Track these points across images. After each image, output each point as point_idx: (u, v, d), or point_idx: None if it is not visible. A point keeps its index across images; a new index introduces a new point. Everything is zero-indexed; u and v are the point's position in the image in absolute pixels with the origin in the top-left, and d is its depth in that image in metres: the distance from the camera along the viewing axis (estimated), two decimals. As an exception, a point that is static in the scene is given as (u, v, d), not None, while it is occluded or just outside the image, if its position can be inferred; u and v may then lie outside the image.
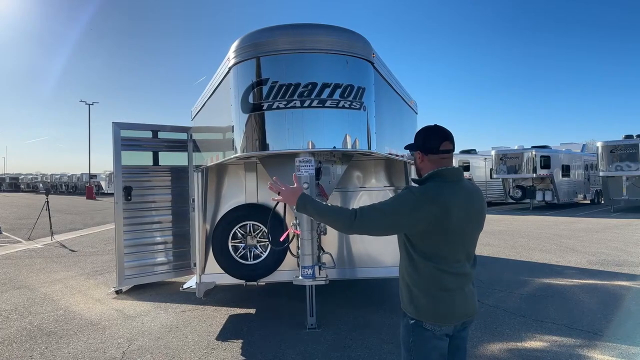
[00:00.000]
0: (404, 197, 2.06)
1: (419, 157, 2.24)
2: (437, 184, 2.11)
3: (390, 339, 4.53)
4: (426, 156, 2.20)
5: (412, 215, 2.02)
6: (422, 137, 2.24)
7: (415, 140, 2.27)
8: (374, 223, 2.06)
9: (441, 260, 2.10)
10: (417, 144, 2.25)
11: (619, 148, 18.71)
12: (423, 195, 2.05)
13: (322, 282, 4.29)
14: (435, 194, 2.05)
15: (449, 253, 2.11)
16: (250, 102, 3.88)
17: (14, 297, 6.39)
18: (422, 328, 2.13)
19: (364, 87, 3.96)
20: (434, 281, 2.11)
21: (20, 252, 10.46)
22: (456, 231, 2.09)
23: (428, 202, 2.03)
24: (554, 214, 18.31)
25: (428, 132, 2.25)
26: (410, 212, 2.02)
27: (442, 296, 2.12)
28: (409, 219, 2.04)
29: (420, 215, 2.02)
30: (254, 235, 5.46)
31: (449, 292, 2.12)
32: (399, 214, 2.04)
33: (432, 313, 2.12)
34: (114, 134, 6.52)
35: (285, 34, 3.86)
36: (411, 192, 2.07)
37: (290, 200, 2.26)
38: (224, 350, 4.35)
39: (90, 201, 32.75)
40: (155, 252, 6.83)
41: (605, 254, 9.07)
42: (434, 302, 2.11)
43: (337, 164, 4.56)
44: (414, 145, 2.27)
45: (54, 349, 4.42)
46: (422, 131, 2.28)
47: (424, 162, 2.22)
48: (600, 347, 4.28)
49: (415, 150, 2.25)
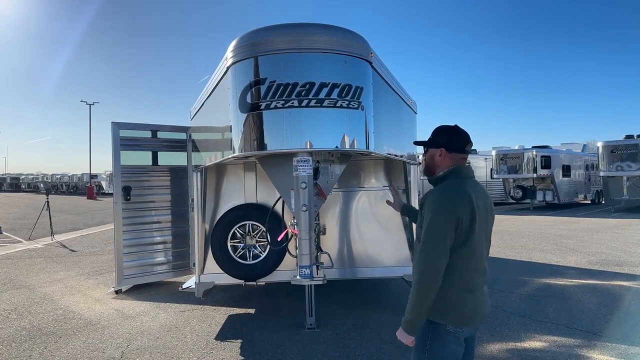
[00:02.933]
0: (441, 217, 2.03)
1: (439, 154, 2.24)
2: (458, 181, 2.15)
3: (389, 339, 4.52)
4: (449, 154, 2.22)
5: (453, 224, 2.03)
6: (448, 135, 2.26)
7: (437, 137, 2.28)
8: (439, 257, 2.02)
9: (471, 257, 2.09)
10: (440, 140, 2.26)
11: (620, 148, 18.68)
12: (453, 199, 2.06)
13: (319, 282, 4.29)
14: (461, 192, 2.08)
15: (478, 250, 2.11)
16: (248, 102, 3.88)
17: (13, 296, 6.39)
18: (444, 331, 2.08)
19: (362, 86, 3.95)
20: (463, 281, 2.09)
21: (21, 252, 10.47)
22: (482, 226, 2.10)
23: (459, 202, 2.05)
24: (554, 214, 18.29)
25: (453, 132, 2.27)
26: (452, 225, 2.02)
27: (468, 297, 2.09)
28: (452, 230, 2.03)
29: (459, 215, 2.03)
30: (253, 235, 5.46)
31: (474, 293, 2.11)
32: (448, 231, 2.02)
33: (457, 315, 2.08)
34: (113, 134, 6.52)
35: (283, 33, 3.86)
36: (443, 208, 2.04)
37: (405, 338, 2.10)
38: (223, 350, 4.34)
39: (91, 201, 32.77)
40: (155, 252, 6.83)
41: (605, 254, 9.06)
42: (461, 303, 2.08)
43: (336, 163, 4.56)
44: (435, 142, 2.27)
45: (53, 349, 4.43)
46: (446, 130, 2.29)
47: (444, 159, 2.23)
48: (600, 347, 4.27)
49: (438, 147, 2.25)
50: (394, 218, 5.74)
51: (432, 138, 2.30)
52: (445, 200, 2.07)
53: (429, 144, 2.31)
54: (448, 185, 2.15)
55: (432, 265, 2.01)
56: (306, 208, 4.02)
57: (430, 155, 2.28)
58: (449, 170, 2.20)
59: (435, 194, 2.13)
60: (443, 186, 2.16)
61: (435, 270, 2.01)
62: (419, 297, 2.03)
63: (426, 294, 2.02)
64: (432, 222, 2.04)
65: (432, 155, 2.27)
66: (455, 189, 2.11)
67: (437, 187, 2.18)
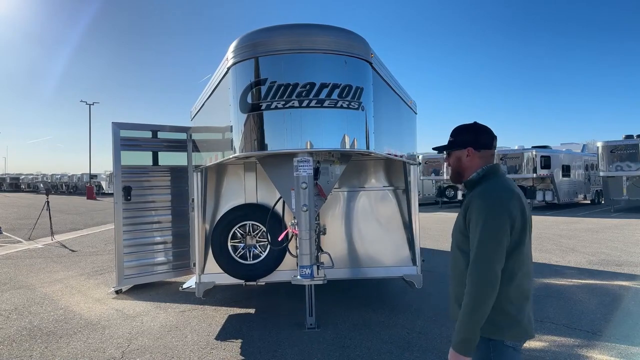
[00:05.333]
0: (495, 219, 1.85)
1: (467, 154, 2.07)
2: (501, 179, 2.00)
3: (389, 339, 4.53)
4: (478, 152, 2.06)
5: (508, 226, 1.87)
6: (473, 133, 2.09)
7: (460, 137, 2.12)
8: (497, 264, 1.84)
9: (525, 261, 1.94)
10: (465, 140, 2.09)
11: (619, 148, 18.69)
12: (503, 199, 1.90)
13: (320, 282, 4.29)
14: (510, 190, 1.93)
15: (529, 252, 1.96)
16: (248, 102, 3.88)
17: (14, 296, 6.40)
18: (503, 346, 1.88)
19: (362, 87, 3.96)
20: (520, 289, 1.91)
21: (21, 252, 10.48)
22: (530, 225, 1.97)
23: (510, 202, 1.90)
24: (554, 214, 18.30)
25: (477, 128, 2.11)
26: (508, 227, 1.86)
27: (526, 306, 1.93)
28: (508, 233, 1.87)
29: (513, 215, 1.88)
30: (253, 235, 5.46)
31: (529, 301, 1.95)
32: (505, 234, 1.86)
33: (517, 328, 1.89)
34: (114, 134, 6.53)
35: (283, 34, 3.87)
36: (495, 210, 1.87)
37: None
38: (223, 350, 4.35)
39: (91, 201, 32.76)
40: (155, 252, 6.83)
41: (605, 254, 9.06)
42: (520, 314, 1.90)
43: (336, 163, 4.56)
44: (459, 143, 2.10)
45: (54, 349, 4.43)
46: (469, 128, 2.13)
47: (473, 159, 2.07)
48: (600, 346, 4.28)
49: (464, 147, 2.08)
50: (394, 218, 5.75)
51: (455, 139, 2.13)
52: (496, 201, 1.89)
53: (452, 146, 2.13)
54: (493, 185, 1.97)
55: (490, 275, 1.81)
56: (307, 208, 4.03)
57: (457, 157, 2.11)
58: (487, 170, 2.03)
59: (482, 195, 1.93)
60: (488, 187, 1.97)
61: (494, 279, 1.82)
62: (477, 312, 1.81)
63: (485, 308, 1.81)
64: (486, 226, 1.84)
65: (459, 157, 2.10)
66: (502, 188, 1.95)
67: (481, 188, 1.98)
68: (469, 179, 2.08)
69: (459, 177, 2.13)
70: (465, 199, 2.03)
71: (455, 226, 2.07)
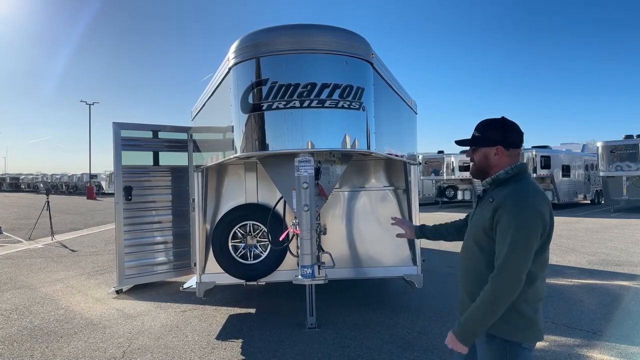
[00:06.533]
0: (529, 221, 1.84)
1: (495, 152, 2.02)
2: (531, 180, 1.98)
3: (389, 339, 4.54)
4: (507, 151, 2.01)
5: (540, 229, 1.86)
6: (503, 130, 2.03)
7: (489, 133, 2.05)
8: (526, 266, 1.84)
9: (546, 264, 1.94)
10: (494, 137, 2.02)
11: (619, 148, 18.70)
12: (537, 201, 1.88)
13: (321, 282, 4.30)
14: (541, 192, 1.91)
15: (549, 255, 1.96)
16: (249, 102, 3.89)
17: (14, 296, 6.40)
18: (520, 349, 1.88)
19: (363, 87, 3.97)
20: (537, 291, 1.91)
21: (21, 252, 10.48)
22: (553, 227, 1.95)
23: (542, 204, 1.88)
24: (554, 214, 18.28)
25: (507, 126, 2.05)
26: (540, 230, 1.86)
27: (539, 307, 1.94)
28: (539, 235, 1.87)
29: (545, 218, 1.88)
30: (254, 235, 5.47)
31: (542, 302, 1.95)
32: (536, 237, 1.85)
33: (535, 330, 1.90)
34: (114, 134, 6.53)
35: (284, 34, 3.87)
36: (530, 211, 1.85)
37: (460, 347, 1.92)
38: (224, 350, 4.36)
39: (91, 201, 32.76)
40: (156, 251, 6.84)
41: (605, 254, 9.07)
42: (536, 316, 1.91)
43: (337, 164, 4.57)
44: (488, 140, 2.04)
45: (55, 349, 4.44)
46: (498, 124, 2.06)
47: (502, 157, 2.01)
48: (600, 346, 4.29)
49: (493, 145, 2.03)
50: (395, 218, 5.75)
51: (483, 135, 2.05)
52: (530, 206, 1.86)
53: (480, 143, 2.06)
54: (525, 187, 1.93)
55: (515, 282, 1.81)
56: (308, 208, 4.04)
57: (484, 154, 2.05)
58: (517, 170, 1.99)
59: (516, 198, 1.88)
60: (520, 189, 1.92)
61: (518, 286, 1.81)
62: (493, 313, 1.83)
63: (503, 306, 1.83)
64: (519, 232, 1.81)
65: (486, 154, 2.04)
66: (534, 191, 1.91)
67: (512, 189, 1.93)
68: (496, 177, 2.03)
69: (483, 174, 2.08)
70: (491, 197, 1.98)
71: (477, 222, 2.02)
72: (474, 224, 2.05)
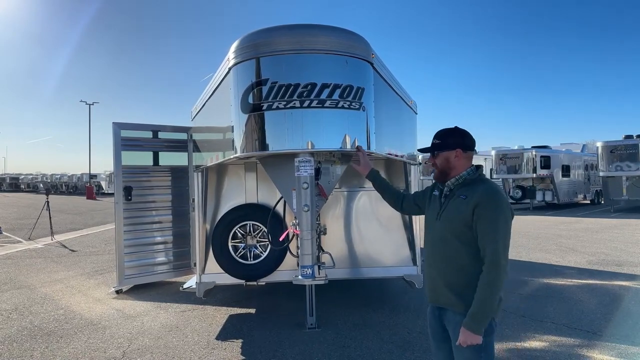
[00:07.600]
0: (509, 215, 2.16)
1: (456, 155, 2.29)
2: (492, 180, 2.33)
3: (389, 339, 4.54)
4: (465, 153, 2.31)
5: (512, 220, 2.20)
6: (461, 136, 2.34)
7: (449, 139, 2.34)
8: (507, 258, 2.15)
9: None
10: (454, 142, 2.32)
11: (619, 148, 18.71)
12: (506, 197, 2.21)
13: (321, 282, 4.29)
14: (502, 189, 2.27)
15: None
16: (249, 103, 3.88)
17: (14, 296, 6.40)
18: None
19: (363, 87, 3.96)
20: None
21: (21, 252, 10.48)
22: None
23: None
24: (554, 214, 18.31)
25: (463, 132, 2.37)
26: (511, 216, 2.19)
27: None
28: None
29: (512, 213, 2.22)
30: (254, 235, 5.47)
31: None
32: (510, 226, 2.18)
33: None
34: (114, 134, 6.53)
35: (284, 34, 3.87)
36: (507, 206, 2.16)
37: (476, 339, 2.11)
38: (224, 350, 4.36)
39: (91, 201, 32.76)
40: (155, 252, 6.84)
41: (605, 254, 9.08)
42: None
43: (337, 164, 4.56)
44: (449, 144, 2.32)
45: (55, 349, 4.44)
46: (455, 131, 2.37)
47: (460, 160, 2.30)
48: (600, 346, 4.29)
49: (453, 148, 2.30)
50: (395, 218, 5.75)
51: (443, 141, 2.34)
52: (504, 201, 2.16)
53: (440, 147, 2.34)
54: (492, 184, 2.25)
55: (507, 266, 2.11)
56: (308, 208, 4.04)
57: (445, 158, 2.31)
58: (480, 171, 2.31)
59: (493, 195, 2.16)
60: (490, 185, 2.21)
61: (507, 266, 2.14)
62: (496, 295, 2.09)
63: (500, 291, 2.11)
64: (504, 220, 2.12)
65: (447, 157, 2.31)
66: (499, 187, 2.23)
67: (486, 187, 2.20)
68: (461, 177, 2.28)
69: (445, 176, 2.33)
70: (463, 195, 2.22)
71: (453, 218, 2.23)
72: (449, 219, 2.26)
